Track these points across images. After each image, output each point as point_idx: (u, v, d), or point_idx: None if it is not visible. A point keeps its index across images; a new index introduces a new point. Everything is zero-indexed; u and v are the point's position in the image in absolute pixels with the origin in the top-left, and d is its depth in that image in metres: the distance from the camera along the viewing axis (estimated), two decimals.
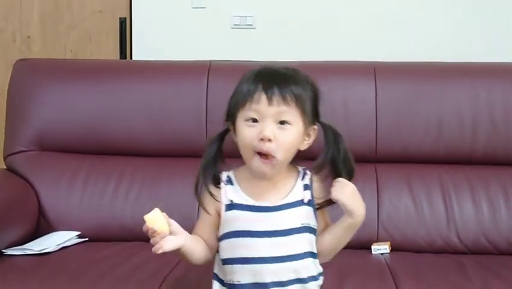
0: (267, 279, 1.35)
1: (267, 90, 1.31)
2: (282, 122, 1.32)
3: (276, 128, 1.31)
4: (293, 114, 1.32)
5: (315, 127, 1.40)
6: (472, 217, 2.08)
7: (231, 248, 1.37)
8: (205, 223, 1.42)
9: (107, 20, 3.04)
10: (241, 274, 1.36)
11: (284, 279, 1.36)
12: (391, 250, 2.02)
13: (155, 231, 1.30)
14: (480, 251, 2.04)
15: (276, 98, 1.30)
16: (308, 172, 1.42)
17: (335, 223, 1.41)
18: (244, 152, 1.35)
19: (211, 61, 2.30)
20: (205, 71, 2.24)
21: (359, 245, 2.03)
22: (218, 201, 1.38)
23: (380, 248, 2.00)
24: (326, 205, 1.40)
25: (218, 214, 1.39)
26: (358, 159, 2.12)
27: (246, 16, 2.86)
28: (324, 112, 2.14)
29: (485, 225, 2.06)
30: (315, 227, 1.40)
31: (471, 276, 1.80)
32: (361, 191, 2.04)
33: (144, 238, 2.03)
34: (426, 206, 2.09)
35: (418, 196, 2.11)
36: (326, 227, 1.43)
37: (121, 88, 2.26)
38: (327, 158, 1.39)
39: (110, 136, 2.21)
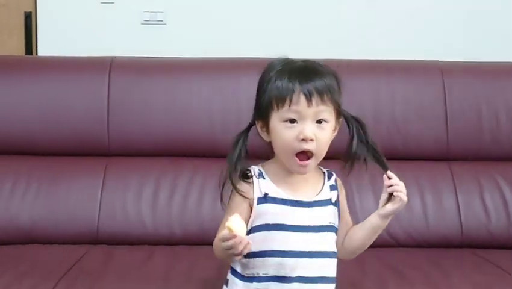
0: (294, 273, 1.35)
1: (306, 90, 1.31)
2: (319, 121, 1.33)
3: (315, 128, 1.32)
4: (329, 112, 1.34)
5: (341, 119, 1.41)
6: (373, 211, 2.09)
7: (261, 241, 1.35)
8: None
9: (11, 14, 2.92)
10: (268, 267, 1.35)
11: (311, 275, 1.36)
12: None
13: (241, 240, 1.26)
14: (381, 245, 2.06)
15: (315, 98, 1.31)
16: (333, 173, 1.44)
17: (364, 222, 1.43)
18: (282, 152, 1.35)
19: (113, 57, 2.25)
20: (107, 68, 2.19)
21: None
22: (248, 198, 1.36)
23: None
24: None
25: (250, 208, 1.38)
26: None
27: (157, 12, 2.81)
28: (230, 109, 2.19)
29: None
30: (337, 228, 1.42)
31: (367, 271, 1.83)
32: None
33: (41, 240, 2.01)
34: None
35: None
36: (347, 226, 1.45)
37: (20, 85, 2.17)
38: (352, 152, 1.40)
39: (6, 135, 2.12)
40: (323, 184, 1.42)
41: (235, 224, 1.26)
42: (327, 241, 1.40)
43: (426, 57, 2.33)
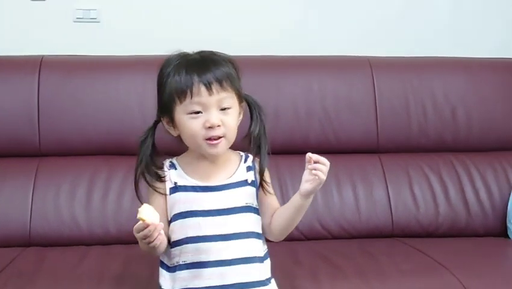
0: (211, 258, 1.37)
1: (205, 80, 1.34)
2: (223, 108, 1.36)
3: (220, 114, 1.36)
4: (230, 98, 1.37)
5: (243, 103, 1.45)
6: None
7: (178, 229, 1.39)
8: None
9: None
10: (186, 254, 1.37)
11: (228, 257, 1.38)
12: None
13: (155, 227, 1.28)
14: (315, 237, 2.12)
15: (215, 87, 1.35)
16: (249, 155, 1.47)
17: (288, 203, 1.43)
18: (192, 142, 1.39)
19: (42, 56, 2.21)
20: (36, 66, 2.16)
21: None
22: (163, 194, 1.40)
23: None
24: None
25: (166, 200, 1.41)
26: None
27: (90, 9, 2.76)
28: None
29: (319, 212, 2.14)
30: (258, 208, 1.44)
31: (301, 262, 1.86)
32: None
33: None
34: None
35: None
36: (271, 207, 1.46)
37: None
38: (256, 132, 1.44)
39: None
40: (238, 166, 1.45)
41: (145, 213, 1.27)
42: (244, 222, 1.42)
43: (356, 52, 2.38)
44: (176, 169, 1.44)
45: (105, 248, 1.97)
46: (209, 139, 1.36)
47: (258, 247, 1.44)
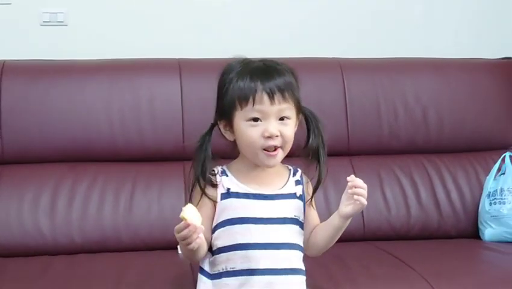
0: (261, 266, 1.37)
1: (268, 89, 1.35)
2: (282, 118, 1.37)
3: (278, 124, 1.36)
4: (290, 109, 1.38)
5: (300, 115, 1.45)
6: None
7: (226, 236, 1.38)
8: (204, 221, 1.36)
9: None
10: (235, 260, 1.37)
11: (277, 266, 1.38)
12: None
13: (196, 228, 1.27)
14: None
15: (277, 97, 1.35)
16: (298, 170, 1.48)
17: (326, 222, 1.45)
18: (248, 150, 1.39)
19: (4, 61, 2.15)
20: None
21: (168, 246, 2.00)
22: (215, 202, 1.40)
23: None
24: (313, 194, 1.47)
25: (214, 207, 1.40)
26: (166, 157, 2.18)
27: (57, 13, 2.71)
28: (129, 109, 2.14)
29: None
30: (303, 222, 1.44)
31: None
32: (170, 190, 2.11)
33: None
34: None
35: None
36: (312, 223, 1.47)
37: None
38: (315, 145, 1.45)
39: None
40: (288, 179, 1.45)
41: (188, 213, 1.26)
42: (291, 233, 1.42)
43: (326, 54, 2.35)
44: (227, 176, 1.43)
45: (69, 258, 1.91)
46: (267, 150, 1.37)
47: (300, 260, 1.45)
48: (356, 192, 1.37)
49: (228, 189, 1.40)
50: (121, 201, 2.04)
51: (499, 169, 2.16)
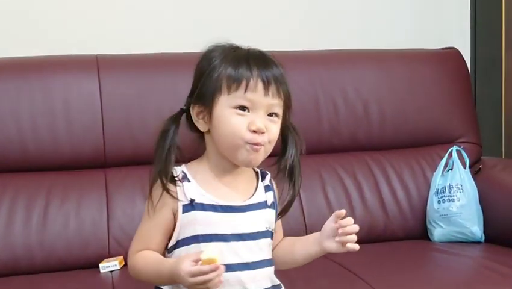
0: None
1: (265, 77, 1.18)
2: (271, 114, 1.20)
3: (267, 120, 1.19)
4: (280, 107, 1.21)
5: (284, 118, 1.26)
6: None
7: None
8: (159, 231, 1.20)
9: None
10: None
11: (261, 287, 1.22)
12: (123, 265, 1.79)
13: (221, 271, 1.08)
14: None
15: (272, 88, 1.19)
16: (267, 173, 1.29)
17: (302, 244, 1.30)
18: (228, 142, 1.18)
19: None
20: None
21: (88, 264, 1.81)
22: (178, 200, 1.18)
23: (110, 265, 1.76)
24: (284, 213, 1.30)
25: (175, 217, 1.20)
26: (85, 165, 1.97)
27: None
28: (41, 112, 1.92)
29: None
30: (273, 231, 1.27)
31: None
32: (89, 201, 1.90)
33: None
34: None
35: None
36: (278, 233, 1.32)
37: None
38: (291, 160, 1.26)
39: None
40: (257, 185, 1.26)
41: (215, 252, 1.08)
42: (265, 248, 1.25)
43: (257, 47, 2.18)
44: (189, 181, 1.21)
45: None
46: (252, 144, 1.17)
47: (274, 275, 1.28)
48: (346, 240, 1.20)
49: (192, 200, 1.19)
50: (34, 216, 1.82)
51: (446, 164, 2.04)
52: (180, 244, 1.20)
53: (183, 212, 1.19)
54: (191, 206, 1.19)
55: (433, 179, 2.05)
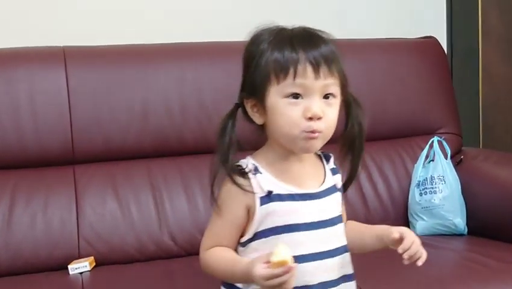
0: (319, 279, 1.16)
1: (313, 59, 1.11)
2: (326, 96, 1.14)
3: (323, 104, 1.13)
4: (336, 85, 1.15)
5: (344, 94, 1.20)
6: (186, 214, 1.86)
7: (268, 248, 1.10)
8: (231, 228, 1.18)
9: None
10: None
11: (334, 277, 1.19)
12: (94, 266, 1.71)
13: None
14: (197, 252, 1.81)
15: (323, 69, 1.12)
16: (330, 155, 1.25)
17: (366, 228, 1.27)
18: (285, 132, 1.14)
19: None
20: None
21: (56, 266, 1.72)
22: (252, 193, 1.14)
23: (79, 267, 1.68)
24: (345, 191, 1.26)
25: (248, 212, 1.16)
26: (52, 161, 1.88)
27: None
28: (5, 107, 1.83)
29: (201, 221, 1.83)
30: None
31: (177, 284, 1.59)
32: (58, 200, 1.81)
33: None
34: (134, 208, 1.83)
35: (125, 198, 1.84)
36: (344, 215, 1.27)
37: None
38: (351, 135, 1.21)
39: None
40: (324, 169, 1.23)
41: (285, 254, 1.04)
42: (343, 234, 1.23)
43: (229, 37, 2.10)
44: (261, 173, 1.17)
45: None
46: (308, 132, 1.12)
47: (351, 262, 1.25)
48: (414, 260, 1.15)
49: (270, 192, 1.15)
50: None
51: (427, 156, 2.00)
52: (258, 236, 1.17)
53: (261, 205, 1.16)
54: (269, 197, 1.16)
55: (414, 170, 2.00)
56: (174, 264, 1.73)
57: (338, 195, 1.23)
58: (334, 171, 1.24)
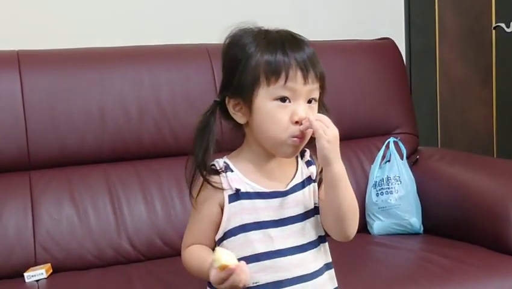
0: (293, 274, 1.18)
1: (302, 64, 1.15)
2: (309, 100, 1.18)
3: (306, 108, 1.17)
4: (317, 90, 1.19)
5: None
6: (145, 219, 1.85)
7: (239, 246, 1.17)
8: (207, 225, 1.20)
9: None
10: (258, 274, 1.16)
11: (309, 270, 1.20)
12: (51, 273, 1.69)
13: (240, 270, 1.08)
14: (156, 256, 1.82)
15: (311, 74, 1.16)
16: (305, 150, 1.25)
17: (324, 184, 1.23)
18: (271, 135, 1.16)
19: None
20: None
21: (12, 273, 1.69)
22: (222, 189, 1.18)
23: (36, 274, 1.66)
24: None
25: (222, 209, 1.19)
26: (7, 167, 1.85)
27: None
28: None
29: (160, 225, 1.84)
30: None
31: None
32: (13, 206, 1.79)
33: None
34: (92, 213, 1.81)
35: (83, 203, 1.81)
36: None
37: None
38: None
39: None
40: (297, 164, 1.25)
41: (225, 258, 1.08)
42: (317, 226, 1.23)
43: (193, 40, 2.10)
44: (232, 171, 1.20)
45: None
46: (296, 137, 1.16)
47: (328, 251, 1.27)
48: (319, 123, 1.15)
49: (237, 190, 1.18)
50: None
51: (384, 156, 2.02)
52: (228, 235, 1.19)
53: (229, 202, 1.19)
54: (237, 195, 1.19)
55: (371, 171, 2.02)
56: (133, 269, 1.72)
57: (313, 186, 1.24)
58: (308, 163, 1.26)
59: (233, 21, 2.35)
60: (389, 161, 1.99)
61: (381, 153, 2.02)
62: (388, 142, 2.03)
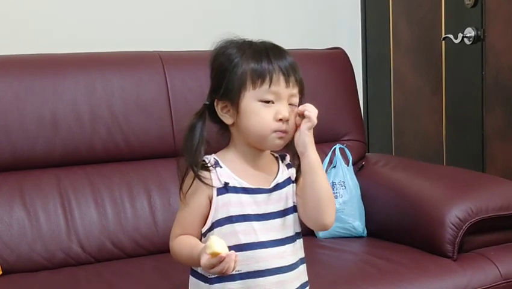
0: (271, 265, 1.30)
1: (284, 70, 1.30)
2: (290, 104, 1.31)
3: (289, 108, 1.31)
4: (297, 95, 1.33)
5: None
6: (95, 222, 1.88)
7: (225, 237, 1.25)
8: (195, 216, 1.31)
9: None
10: (239, 263, 1.23)
11: (287, 263, 1.32)
12: (1, 275, 1.72)
13: (231, 257, 1.17)
14: (106, 258, 1.86)
15: (292, 80, 1.30)
16: (285, 154, 1.39)
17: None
18: (257, 131, 1.29)
19: None
20: None
21: None
22: (211, 186, 1.29)
23: None
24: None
25: (210, 202, 1.30)
26: None
27: None
28: None
29: (110, 228, 1.89)
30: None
31: None
32: None
33: None
34: (42, 217, 1.84)
35: (33, 207, 1.84)
36: None
37: None
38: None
39: None
40: (278, 167, 1.38)
41: (217, 245, 1.16)
42: (295, 223, 1.36)
43: (144, 47, 2.15)
44: (221, 167, 1.32)
45: None
46: (279, 131, 1.29)
47: (302, 247, 1.39)
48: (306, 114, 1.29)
49: (226, 183, 1.30)
50: None
51: (331, 162, 2.09)
52: (215, 225, 1.30)
53: (217, 195, 1.29)
54: (225, 189, 1.30)
55: None
56: (82, 271, 1.75)
57: (293, 186, 1.36)
58: (288, 166, 1.39)
59: (188, 30, 2.42)
60: (335, 166, 2.06)
61: (327, 159, 2.09)
62: (334, 148, 2.10)
